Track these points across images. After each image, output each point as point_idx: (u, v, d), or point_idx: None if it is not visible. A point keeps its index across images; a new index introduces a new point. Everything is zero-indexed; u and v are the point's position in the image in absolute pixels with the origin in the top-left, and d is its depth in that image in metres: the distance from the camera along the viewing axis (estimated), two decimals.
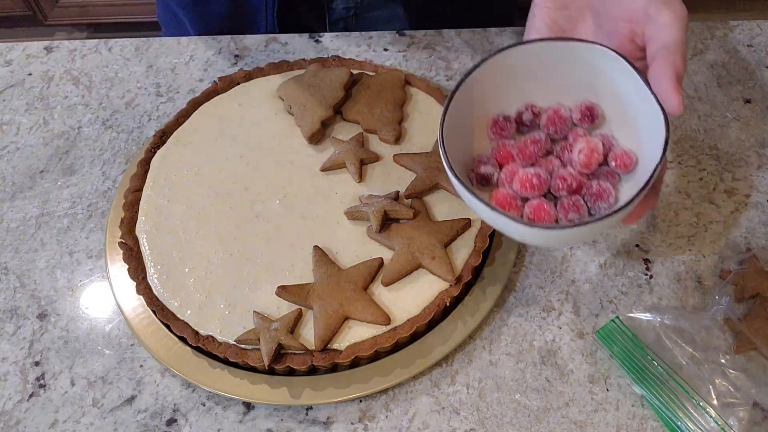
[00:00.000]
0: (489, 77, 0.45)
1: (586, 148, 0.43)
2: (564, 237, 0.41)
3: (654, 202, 0.41)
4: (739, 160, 0.62)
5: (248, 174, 0.59)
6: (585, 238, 0.46)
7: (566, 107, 0.46)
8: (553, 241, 0.48)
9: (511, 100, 0.47)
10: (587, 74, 0.45)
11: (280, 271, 0.53)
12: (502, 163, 0.46)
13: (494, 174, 0.45)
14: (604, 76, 0.44)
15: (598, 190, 0.43)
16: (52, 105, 0.69)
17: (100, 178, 0.63)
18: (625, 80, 0.42)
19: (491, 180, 0.45)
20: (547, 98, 0.47)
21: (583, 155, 0.43)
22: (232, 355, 0.49)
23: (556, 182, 0.44)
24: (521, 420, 0.49)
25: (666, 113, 0.39)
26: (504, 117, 0.47)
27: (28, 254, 0.59)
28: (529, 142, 0.45)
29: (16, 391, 0.52)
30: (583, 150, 0.43)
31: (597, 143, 0.44)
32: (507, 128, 0.47)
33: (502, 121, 0.47)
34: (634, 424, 0.49)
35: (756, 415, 0.48)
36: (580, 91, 0.46)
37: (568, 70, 0.45)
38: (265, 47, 0.72)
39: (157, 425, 0.50)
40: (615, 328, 0.51)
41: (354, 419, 0.50)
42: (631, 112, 0.44)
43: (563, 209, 0.43)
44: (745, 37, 0.72)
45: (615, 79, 0.43)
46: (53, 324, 0.55)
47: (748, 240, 0.57)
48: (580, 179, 0.44)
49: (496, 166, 0.46)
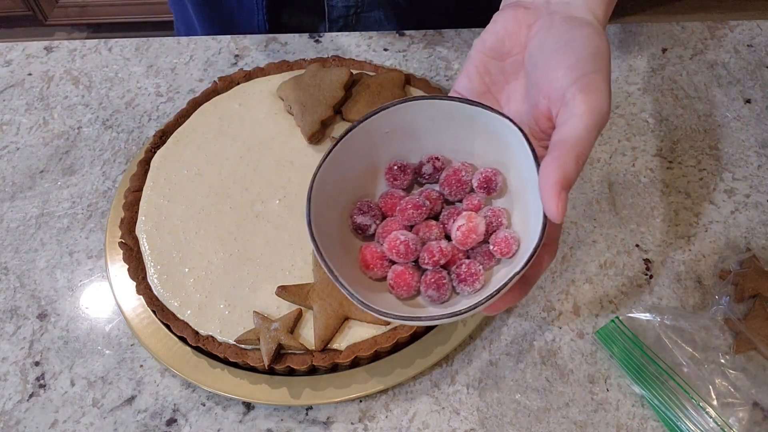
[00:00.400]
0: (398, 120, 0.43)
1: (465, 227, 0.41)
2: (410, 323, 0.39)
3: (521, 295, 0.38)
4: (739, 160, 0.62)
5: (248, 174, 0.59)
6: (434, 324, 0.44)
7: (469, 170, 0.44)
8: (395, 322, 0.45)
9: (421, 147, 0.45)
10: (497, 141, 0.42)
11: (280, 271, 0.53)
12: (387, 213, 0.44)
13: (371, 225, 0.43)
14: (510, 148, 0.41)
15: (466, 272, 0.40)
16: (52, 105, 0.69)
17: (100, 178, 0.63)
18: (526, 161, 0.39)
19: (367, 231, 0.44)
20: (459, 153, 0.45)
21: (461, 233, 0.41)
22: (232, 355, 0.49)
23: (423, 254, 0.41)
24: (521, 420, 0.49)
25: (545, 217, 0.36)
26: (400, 165, 0.44)
27: (28, 254, 0.59)
28: (410, 206, 0.42)
29: (16, 391, 0.52)
30: (462, 228, 0.41)
31: (479, 223, 0.41)
32: (400, 178, 0.44)
33: (396, 170, 0.44)
34: (634, 424, 0.49)
35: (756, 415, 0.48)
36: (490, 155, 0.43)
37: (481, 132, 0.42)
38: (265, 47, 0.72)
39: (157, 425, 0.50)
40: (615, 329, 0.51)
41: (354, 419, 0.50)
42: (528, 194, 0.40)
43: (425, 284, 0.41)
44: (745, 37, 0.72)
45: (518, 156, 0.40)
46: (53, 324, 0.55)
47: (748, 240, 0.57)
48: (452, 254, 0.41)
49: (376, 217, 0.44)
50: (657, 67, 0.69)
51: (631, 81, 0.68)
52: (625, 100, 0.67)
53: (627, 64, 0.69)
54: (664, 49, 0.71)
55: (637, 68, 0.69)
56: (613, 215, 0.59)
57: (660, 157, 0.62)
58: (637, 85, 0.68)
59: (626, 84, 0.68)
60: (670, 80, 0.68)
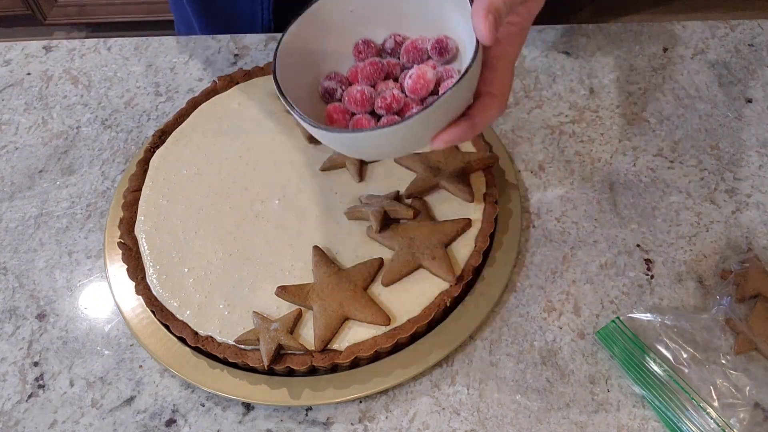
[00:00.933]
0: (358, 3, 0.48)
1: (415, 74, 0.45)
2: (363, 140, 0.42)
3: (466, 133, 0.42)
4: (740, 159, 0.62)
5: (248, 174, 0.58)
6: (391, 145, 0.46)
7: (426, 40, 0.48)
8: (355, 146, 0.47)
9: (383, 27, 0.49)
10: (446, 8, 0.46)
11: (280, 271, 0.53)
12: (352, 81, 0.48)
13: (337, 89, 0.48)
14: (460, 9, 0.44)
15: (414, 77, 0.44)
16: (51, 105, 0.69)
17: (99, 177, 0.63)
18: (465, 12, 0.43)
19: (334, 95, 0.48)
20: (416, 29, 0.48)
21: (411, 80, 0.45)
22: (232, 356, 0.49)
23: (377, 101, 0.45)
24: (522, 421, 0.49)
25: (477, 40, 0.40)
26: (365, 41, 0.49)
27: (27, 254, 0.59)
28: (367, 64, 0.47)
29: (15, 392, 0.52)
30: (412, 76, 0.45)
31: (427, 71, 0.45)
32: (365, 52, 0.49)
33: (361, 45, 0.49)
34: (634, 424, 0.48)
35: (757, 415, 0.48)
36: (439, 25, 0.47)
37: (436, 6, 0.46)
38: (265, 47, 0.72)
39: (157, 426, 0.50)
40: (616, 329, 0.51)
41: (354, 420, 0.49)
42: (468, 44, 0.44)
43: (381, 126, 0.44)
44: (747, 36, 0.72)
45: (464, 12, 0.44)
46: (52, 324, 0.55)
47: (749, 240, 0.57)
48: (404, 102, 0.45)
49: (343, 83, 0.48)
50: (658, 67, 0.69)
51: (632, 80, 0.68)
52: (626, 99, 0.66)
53: (628, 64, 0.69)
54: (665, 49, 0.71)
55: (638, 68, 0.69)
56: (614, 215, 0.59)
57: (661, 157, 0.62)
58: (638, 84, 0.68)
59: (627, 83, 0.68)
60: (671, 80, 0.68)
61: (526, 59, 0.70)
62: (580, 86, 0.68)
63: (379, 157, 0.57)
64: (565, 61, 0.70)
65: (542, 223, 0.58)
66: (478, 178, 0.57)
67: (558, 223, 0.58)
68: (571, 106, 0.66)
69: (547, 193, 0.60)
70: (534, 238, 0.58)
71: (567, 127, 0.65)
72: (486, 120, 0.43)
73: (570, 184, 0.61)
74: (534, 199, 0.60)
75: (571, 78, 0.68)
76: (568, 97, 0.67)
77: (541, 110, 0.66)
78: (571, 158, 0.62)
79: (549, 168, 0.62)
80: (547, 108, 0.66)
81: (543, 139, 0.64)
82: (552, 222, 0.58)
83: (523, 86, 0.68)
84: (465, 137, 0.42)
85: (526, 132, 0.64)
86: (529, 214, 0.59)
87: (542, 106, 0.66)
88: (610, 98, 0.67)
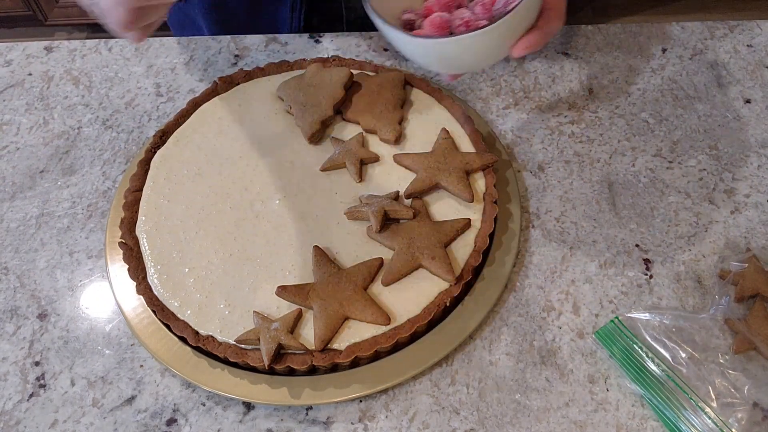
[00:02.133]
0: None
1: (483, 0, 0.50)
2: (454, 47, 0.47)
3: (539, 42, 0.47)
4: (739, 160, 0.62)
5: (248, 174, 0.59)
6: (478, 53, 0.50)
7: None
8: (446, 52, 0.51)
9: None
10: None
11: (280, 271, 0.53)
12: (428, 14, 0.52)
13: (416, 20, 0.53)
14: None
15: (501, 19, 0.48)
16: (52, 105, 0.69)
17: (100, 178, 0.63)
18: None
19: (414, 25, 0.53)
20: None
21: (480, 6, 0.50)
22: (232, 355, 0.49)
23: (455, 22, 0.50)
24: (521, 420, 0.49)
25: None
26: None
27: (28, 254, 0.59)
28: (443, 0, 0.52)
29: (16, 391, 0.52)
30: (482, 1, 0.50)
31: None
32: None
33: None
34: (633, 424, 0.49)
35: (755, 415, 0.48)
36: None
37: None
38: (265, 47, 0.72)
39: (157, 425, 0.50)
40: (615, 328, 0.51)
41: (354, 419, 0.50)
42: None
43: None
44: (745, 37, 0.72)
45: None
46: (53, 324, 0.55)
47: (748, 240, 0.57)
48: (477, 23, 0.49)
49: (420, 16, 0.53)
50: (657, 67, 0.69)
51: (630, 81, 0.68)
52: (625, 100, 0.67)
53: (627, 64, 0.69)
54: (664, 49, 0.71)
55: (637, 68, 0.69)
56: (613, 215, 0.59)
57: (660, 157, 0.63)
58: (636, 85, 0.68)
59: (626, 84, 0.68)
60: (670, 80, 0.68)
61: (526, 60, 0.70)
62: (579, 87, 0.68)
63: (463, 69, 0.59)
64: (564, 61, 0.70)
65: (541, 223, 0.59)
66: (478, 178, 0.57)
67: (557, 223, 0.59)
68: (570, 107, 0.66)
69: (546, 193, 0.60)
70: (533, 238, 0.58)
71: (566, 128, 0.65)
72: (552, 29, 0.48)
73: (569, 185, 0.61)
74: (533, 199, 0.60)
75: (571, 79, 0.68)
76: (568, 98, 0.67)
77: (541, 111, 0.66)
78: (571, 158, 0.63)
79: (548, 168, 0.62)
80: (547, 108, 0.66)
81: (542, 139, 0.64)
82: (551, 222, 0.59)
83: (523, 87, 0.68)
84: (539, 44, 0.47)
85: (526, 132, 0.65)
86: (529, 214, 0.59)
87: (542, 107, 0.66)
88: (609, 99, 0.67)
